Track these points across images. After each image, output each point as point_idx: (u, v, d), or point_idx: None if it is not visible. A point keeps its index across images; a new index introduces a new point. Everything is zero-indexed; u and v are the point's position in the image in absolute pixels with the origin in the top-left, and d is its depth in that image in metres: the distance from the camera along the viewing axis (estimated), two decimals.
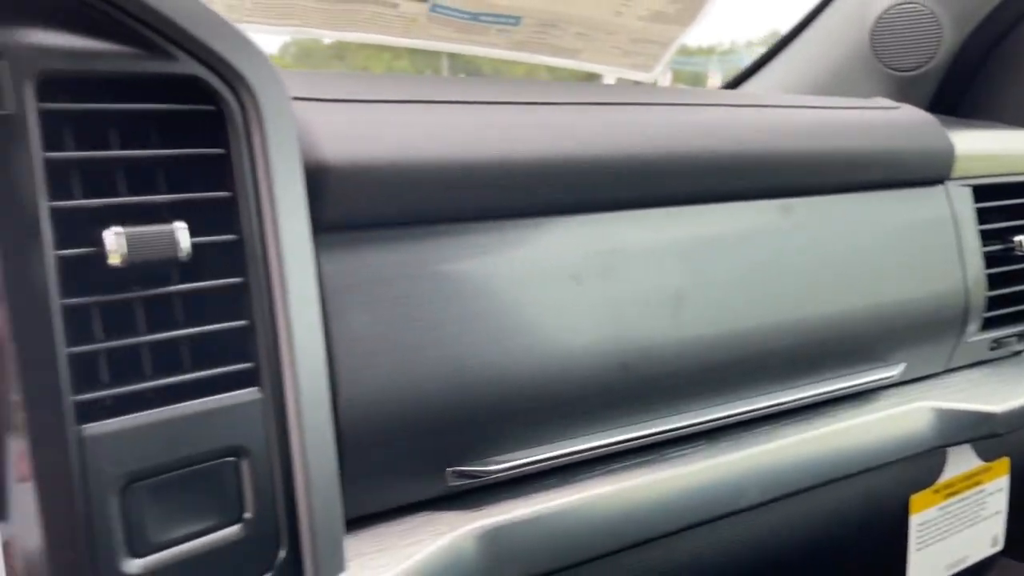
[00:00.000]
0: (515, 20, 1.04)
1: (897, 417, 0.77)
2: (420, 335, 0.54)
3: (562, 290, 0.59)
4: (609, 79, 1.14)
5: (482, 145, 0.57)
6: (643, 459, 0.64)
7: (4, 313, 0.39)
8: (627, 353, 0.61)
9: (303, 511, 0.48)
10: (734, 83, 1.24)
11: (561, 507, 0.59)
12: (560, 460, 0.60)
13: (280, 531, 0.47)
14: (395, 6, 1.00)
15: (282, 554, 0.47)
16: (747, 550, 0.73)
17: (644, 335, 0.62)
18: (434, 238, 0.55)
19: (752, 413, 0.69)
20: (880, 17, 1.05)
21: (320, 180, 0.50)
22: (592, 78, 1.17)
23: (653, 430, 0.64)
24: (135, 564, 0.43)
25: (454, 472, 0.56)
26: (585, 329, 0.60)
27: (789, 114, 0.75)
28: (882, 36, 1.05)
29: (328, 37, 1.00)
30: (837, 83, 1.10)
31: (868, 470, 0.75)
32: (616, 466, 0.63)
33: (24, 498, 0.40)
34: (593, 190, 0.61)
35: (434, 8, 1.00)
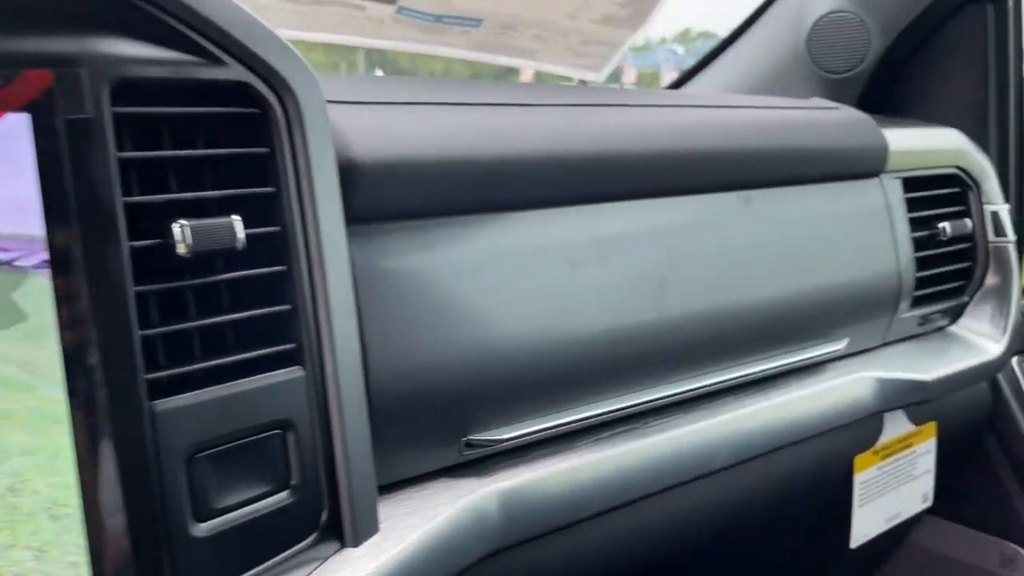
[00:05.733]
0: (476, 22, 1.09)
1: (843, 386, 0.86)
2: (438, 316, 0.59)
3: (560, 276, 0.65)
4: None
5: (489, 144, 0.62)
6: (628, 428, 0.71)
7: (86, 300, 0.43)
8: (616, 332, 0.68)
9: (342, 477, 0.52)
10: (677, 83, 1.31)
11: (560, 471, 0.65)
12: (558, 430, 0.66)
13: (322, 496, 0.52)
14: (363, 8, 1.03)
15: (324, 516, 0.52)
16: (717, 508, 0.80)
17: (631, 317, 0.69)
18: (451, 228, 0.61)
19: (720, 385, 0.76)
20: (815, 24, 1.14)
21: (351, 176, 0.55)
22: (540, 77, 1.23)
23: (637, 401, 0.70)
24: (201, 528, 0.47)
25: (468, 442, 0.62)
26: (579, 311, 0.66)
27: (745, 114, 0.83)
28: (817, 41, 1.14)
29: (295, 36, 1.03)
30: (774, 84, 1.18)
31: (819, 435, 0.83)
32: (605, 434, 0.70)
33: (106, 468, 0.44)
34: (584, 184, 0.67)
35: (400, 10, 1.04)
